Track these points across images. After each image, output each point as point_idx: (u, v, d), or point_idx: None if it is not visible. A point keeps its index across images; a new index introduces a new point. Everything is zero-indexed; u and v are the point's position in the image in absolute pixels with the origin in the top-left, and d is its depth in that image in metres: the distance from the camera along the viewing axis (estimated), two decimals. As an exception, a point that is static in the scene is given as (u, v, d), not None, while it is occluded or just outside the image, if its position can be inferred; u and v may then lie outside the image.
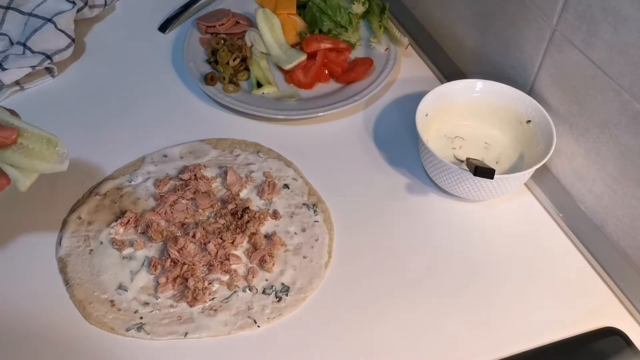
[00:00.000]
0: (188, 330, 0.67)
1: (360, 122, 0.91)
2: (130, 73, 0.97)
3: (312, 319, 0.69)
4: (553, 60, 0.76)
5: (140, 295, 0.70)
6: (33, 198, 0.78)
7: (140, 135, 0.87)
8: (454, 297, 0.71)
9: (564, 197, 0.79)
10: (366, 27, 1.03)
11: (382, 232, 0.77)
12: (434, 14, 1.01)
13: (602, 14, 0.66)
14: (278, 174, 0.82)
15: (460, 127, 0.85)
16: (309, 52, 0.95)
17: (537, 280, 0.73)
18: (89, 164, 0.83)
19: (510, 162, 0.82)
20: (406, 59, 1.00)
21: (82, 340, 0.66)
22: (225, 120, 0.90)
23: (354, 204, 0.80)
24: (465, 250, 0.75)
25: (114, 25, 1.05)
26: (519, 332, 0.68)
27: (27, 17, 0.96)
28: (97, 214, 0.77)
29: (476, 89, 0.84)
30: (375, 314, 0.69)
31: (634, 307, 0.70)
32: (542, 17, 0.75)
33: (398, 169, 0.84)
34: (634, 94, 0.65)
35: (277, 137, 0.87)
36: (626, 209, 0.71)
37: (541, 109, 0.79)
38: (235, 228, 0.75)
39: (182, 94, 0.94)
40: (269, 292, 0.70)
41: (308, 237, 0.76)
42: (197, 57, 0.97)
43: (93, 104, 0.91)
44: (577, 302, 0.71)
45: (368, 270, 0.73)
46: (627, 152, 0.68)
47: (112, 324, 0.67)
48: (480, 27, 0.89)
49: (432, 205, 0.80)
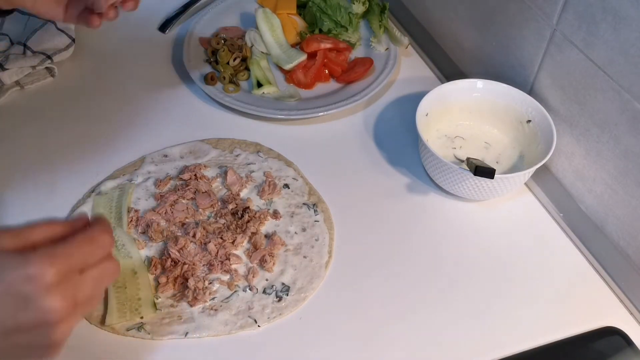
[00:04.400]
0: (188, 330, 0.67)
1: (360, 122, 0.91)
2: (130, 73, 0.97)
3: (312, 319, 0.69)
4: (553, 60, 0.76)
5: (141, 295, 0.70)
6: (33, 198, 0.78)
7: (140, 135, 0.87)
8: (454, 297, 0.71)
9: (564, 197, 0.79)
10: (366, 27, 1.03)
11: (382, 231, 0.77)
12: (434, 14, 1.01)
13: (602, 14, 0.66)
14: (278, 173, 0.82)
15: (460, 127, 0.86)
16: (309, 52, 0.95)
17: (537, 280, 0.73)
18: (89, 163, 0.83)
19: (510, 162, 0.82)
20: (406, 59, 1.00)
21: (82, 340, 0.66)
22: (225, 120, 0.90)
23: (354, 204, 0.80)
24: (465, 249, 0.75)
25: (114, 25, 1.05)
26: (519, 332, 0.68)
27: (27, 17, 0.96)
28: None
29: (476, 89, 0.84)
30: (375, 314, 0.69)
31: (634, 307, 0.70)
32: (542, 17, 0.75)
33: (398, 169, 0.84)
34: (634, 93, 0.65)
35: (277, 137, 0.87)
36: (626, 208, 0.71)
37: (541, 109, 0.79)
38: (236, 228, 0.75)
39: (182, 94, 0.94)
40: (269, 292, 0.71)
41: (308, 236, 0.76)
42: (197, 57, 0.97)
43: (93, 104, 0.91)
44: (577, 302, 0.71)
45: (368, 270, 0.73)
46: (628, 152, 0.68)
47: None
48: (480, 27, 0.89)
49: (432, 205, 0.80)
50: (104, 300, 0.69)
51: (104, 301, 0.69)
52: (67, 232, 0.49)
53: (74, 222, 0.51)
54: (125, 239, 0.73)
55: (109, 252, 0.51)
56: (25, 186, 0.80)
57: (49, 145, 0.85)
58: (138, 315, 0.67)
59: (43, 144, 0.85)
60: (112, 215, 0.76)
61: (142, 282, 0.70)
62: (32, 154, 0.84)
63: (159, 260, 0.72)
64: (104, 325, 0.67)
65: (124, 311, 0.67)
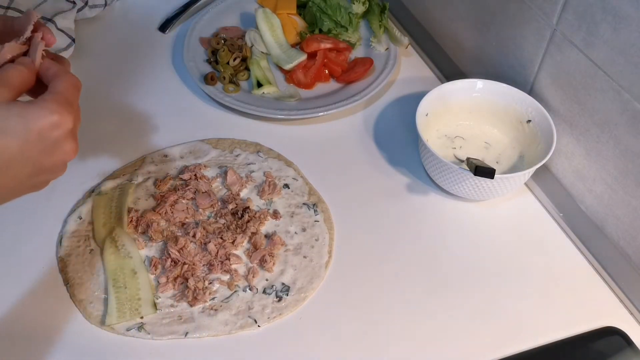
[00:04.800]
0: (188, 330, 0.67)
1: (360, 122, 0.91)
2: (130, 73, 0.97)
3: (312, 319, 0.69)
4: (553, 60, 0.76)
5: (141, 295, 0.70)
6: (33, 198, 0.78)
7: (140, 135, 0.87)
8: (454, 297, 0.71)
9: (564, 197, 0.79)
10: (366, 27, 1.03)
11: (382, 232, 0.77)
12: (434, 14, 1.01)
13: (602, 14, 0.66)
14: (278, 173, 0.82)
15: (460, 127, 0.86)
16: (309, 52, 0.95)
17: (537, 280, 0.73)
18: (89, 163, 0.83)
19: (510, 162, 0.82)
20: (406, 59, 1.00)
21: (82, 340, 0.66)
22: (225, 120, 0.90)
23: (354, 204, 0.80)
24: (466, 250, 0.75)
25: (114, 25, 1.05)
26: (519, 332, 0.68)
27: (27, 17, 0.96)
28: (97, 214, 0.77)
29: (476, 89, 0.84)
30: (375, 314, 0.69)
31: (634, 307, 0.70)
32: (542, 16, 0.75)
33: (398, 169, 0.84)
34: (634, 93, 0.65)
35: (277, 137, 0.87)
36: (626, 208, 0.71)
37: (541, 109, 0.79)
38: (236, 228, 0.75)
39: (182, 94, 0.94)
40: (269, 292, 0.71)
41: (308, 236, 0.76)
42: (197, 57, 0.97)
43: (93, 104, 0.91)
44: (577, 302, 0.71)
45: (368, 270, 0.73)
46: (628, 152, 0.68)
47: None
48: (480, 27, 0.89)
49: (432, 205, 0.80)
50: (104, 300, 0.69)
51: (104, 301, 0.69)
52: (36, 72, 0.55)
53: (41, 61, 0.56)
54: (125, 239, 0.73)
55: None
56: (25, 186, 0.80)
57: (49, 145, 0.85)
58: (138, 315, 0.67)
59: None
60: (112, 215, 0.76)
61: (142, 282, 0.70)
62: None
63: (159, 260, 0.72)
64: (104, 325, 0.67)
65: (124, 311, 0.67)
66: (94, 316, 0.68)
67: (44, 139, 0.50)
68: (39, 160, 0.51)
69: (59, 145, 0.51)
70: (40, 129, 0.49)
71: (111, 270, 0.70)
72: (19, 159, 0.49)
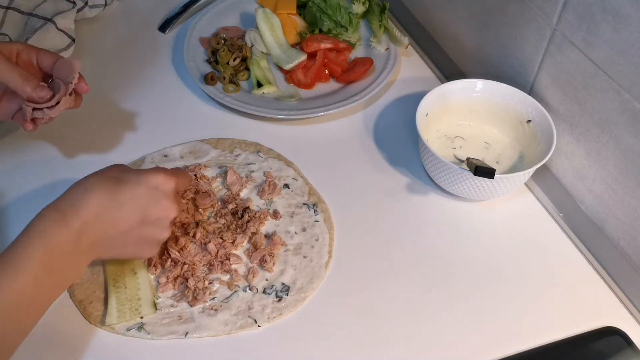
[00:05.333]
0: (188, 330, 0.67)
1: (360, 122, 0.91)
2: (130, 73, 0.97)
3: (312, 319, 0.69)
4: (553, 60, 0.76)
5: (141, 295, 0.70)
6: (34, 198, 0.78)
7: (140, 135, 0.87)
8: (454, 297, 0.71)
9: (564, 197, 0.79)
10: (366, 27, 1.03)
11: (382, 231, 0.77)
12: (434, 14, 1.01)
13: (602, 14, 0.66)
14: (278, 173, 0.82)
15: (460, 127, 0.86)
16: (309, 52, 0.95)
17: (537, 280, 0.73)
18: (89, 163, 0.82)
19: (510, 162, 0.82)
20: (406, 59, 1.00)
21: (82, 340, 0.66)
22: (225, 120, 0.90)
23: (354, 204, 0.80)
24: (465, 250, 0.75)
25: (114, 25, 1.05)
26: (519, 332, 0.68)
27: (27, 17, 0.96)
28: (97, 214, 0.77)
29: (476, 89, 0.84)
30: (375, 314, 0.69)
31: (634, 307, 0.70)
32: (542, 16, 0.75)
33: (398, 169, 0.84)
34: (634, 93, 0.65)
35: (277, 137, 0.87)
36: (626, 208, 0.71)
37: (541, 109, 0.79)
38: (236, 228, 0.75)
39: (182, 94, 0.94)
40: (269, 292, 0.71)
41: (308, 236, 0.76)
42: (197, 57, 0.97)
43: (93, 104, 0.91)
44: (577, 302, 0.71)
45: (368, 269, 0.73)
46: (628, 152, 0.68)
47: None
48: (480, 27, 0.89)
49: (432, 205, 0.80)
50: (104, 300, 0.69)
51: (104, 301, 0.69)
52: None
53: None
54: None
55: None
56: (25, 186, 0.80)
57: (49, 145, 0.85)
58: (138, 315, 0.67)
59: (43, 144, 0.85)
60: None
61: (142, 282, 0.70)
62: (32, 153, 0.84)
63: (159, 260, 0.72)
64: (104, 325, 0.67)
65: (124, 311, 0.67)
66: (94, 316, 0.68)
67: (150, 192, 0.63)
68: (145, 209, 0.62)
69: (162, 200, 0.64)
70: (148, 182, 0.63)
71: (111, 270, 0.70)
72: (130, 203, 0.62)
